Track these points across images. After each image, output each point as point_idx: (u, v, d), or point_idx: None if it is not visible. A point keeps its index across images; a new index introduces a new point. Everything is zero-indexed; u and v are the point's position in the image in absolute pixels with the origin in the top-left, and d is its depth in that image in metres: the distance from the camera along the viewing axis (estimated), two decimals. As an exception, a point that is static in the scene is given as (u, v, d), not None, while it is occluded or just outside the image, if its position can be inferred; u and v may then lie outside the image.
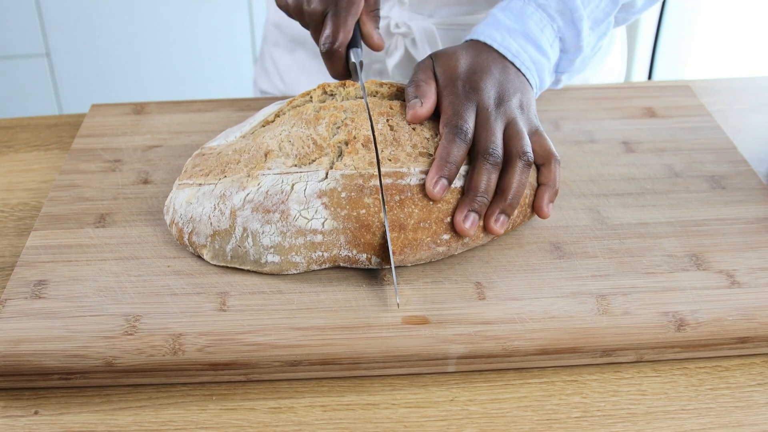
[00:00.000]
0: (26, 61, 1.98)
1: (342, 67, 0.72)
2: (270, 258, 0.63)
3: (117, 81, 2.02)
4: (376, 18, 0.74)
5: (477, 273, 0.64)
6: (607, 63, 1.02)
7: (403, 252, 0.63)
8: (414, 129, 0.67)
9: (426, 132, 0.67)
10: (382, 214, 0.62)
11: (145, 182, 0.75)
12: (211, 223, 0.64)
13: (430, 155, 0.65)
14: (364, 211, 0.62)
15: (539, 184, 0.68)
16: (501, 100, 0.68)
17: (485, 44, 0.72)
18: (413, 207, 0.63)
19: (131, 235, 0.68)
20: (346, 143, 0.65)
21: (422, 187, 0.63)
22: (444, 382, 0.59)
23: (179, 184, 0.69)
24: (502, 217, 0.64)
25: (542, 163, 0.68)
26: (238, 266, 0.64)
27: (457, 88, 0.68)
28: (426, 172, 0.64)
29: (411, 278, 0.64)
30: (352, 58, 0.71)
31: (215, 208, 0.64)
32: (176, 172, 0.76)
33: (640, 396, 0.58)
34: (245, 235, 0.63)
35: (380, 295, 0.62)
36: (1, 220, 0.74)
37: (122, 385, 0.59)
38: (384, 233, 0.62)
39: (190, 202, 0.66)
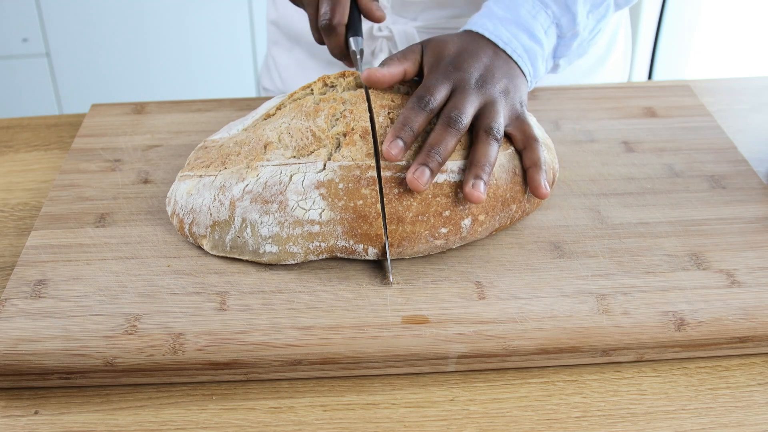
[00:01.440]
0: (26, 61, 1.98)
1: (340, 45, 0.74)
2: (268, 248, 0.63)
3: (117, 81, 2.02)
4: None
5: (477, 272, 0.64)
6: (611, 62, 1.02)
7: (401, 245, 0.63)
8: None
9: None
10: (379, 205, 0.63)
11: (145, 182, 0.75)
12: (210, 214, 0.65)
13: None
14: (361, 201, 0.63)
15: (526, 169, 0.67)
16: (483, 82, 0.68)
17: (477, 33, 0.73)
18: (411, 200, 0.63)
19: (131, 235, 0.68)
20: (344, 135, 0.66)
21: None
22: (444, 382, 0.59)
23: (181, 176, 0.69)
24: (479, 183, 0.63)
25: (523, 147, 0.67)
26: (237, 256, 0.64)
27: (439, 68, 0.69)
28: None
29: (411, 278, 0.64)
30: (353, 47, 0.73)
31: (215, 199, 0.65)
32: (176, 172, 0.76)
33: (640, 396, 0.58)
34: (244, 225, 0.64)
35: (380, 295, 0.62)
36: (1, 220, 0.74)
37: (122, 385, 0.59)
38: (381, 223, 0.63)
39: (190, 193, 0.67)
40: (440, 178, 0.64)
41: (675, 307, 0.61)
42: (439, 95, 0.66)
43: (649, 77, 2.00)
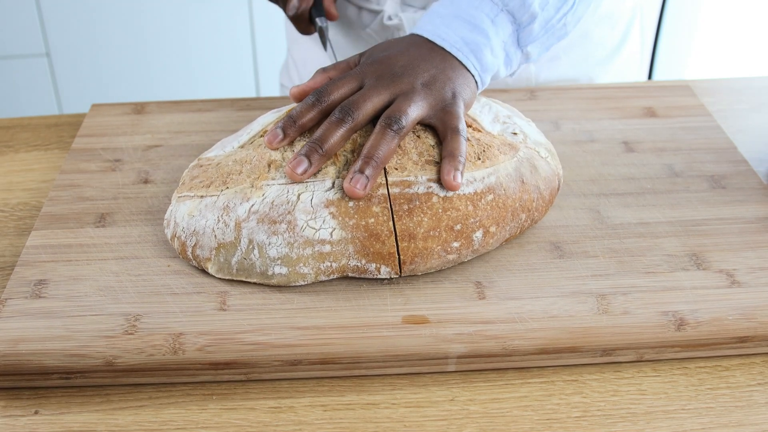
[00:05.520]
0: (26, 61, 1.98)
1: (307, 26, 0.87)
2: (277, 269, 0.62)
3: (117, 81, 2.02)
4: None
5: (477, 273, 0.64)
6: (623, 57, 1.00)
7: (413, 261, 0.62)
8: (419, 137, 0.66)
9: (430, 139, 0.66)
10: (390, 223, 0.62)
11: (145, 182, 0.75)
12: (215, 236, 0.63)
13: (437, 163, 0.64)
14: (372, 220, 0.62)
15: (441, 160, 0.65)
16: (401, 74, 0.66)
17: (418, 35, 0.71)
18: (422, 216, 0.62)
19: (131, 235, 0.68)
20: (352, 152, 0.65)
21: (430, 195, 0.63)
22: (444, 382, 0.59)
23: (179, 197, 0.67)
24: (360, 177, 0.61)
25: (442, 138, 0.65)
26: (244, 279, 0.63)
27: (359, 66, 0.69)
28: (434, 180, 0.63)
29: (411, 278, 0.64)
30: (319, 23, 0.86)
31: (219, 220, 0.63)
32: (176, 172, 0.76)
33: (640, 396, 0.58)
34: (251, 246, 0.62)
35: (380, 295, 0.62)
36: (1, 220, 0.74)
37: (122, 385, 0.59)
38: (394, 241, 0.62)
39: (192, 214, 0.65)
40: (450, 192, 0.63)
41: (675, 307, 0.61)
42: (338, 91, 0.66)
43: (649, 77, 1.99)
